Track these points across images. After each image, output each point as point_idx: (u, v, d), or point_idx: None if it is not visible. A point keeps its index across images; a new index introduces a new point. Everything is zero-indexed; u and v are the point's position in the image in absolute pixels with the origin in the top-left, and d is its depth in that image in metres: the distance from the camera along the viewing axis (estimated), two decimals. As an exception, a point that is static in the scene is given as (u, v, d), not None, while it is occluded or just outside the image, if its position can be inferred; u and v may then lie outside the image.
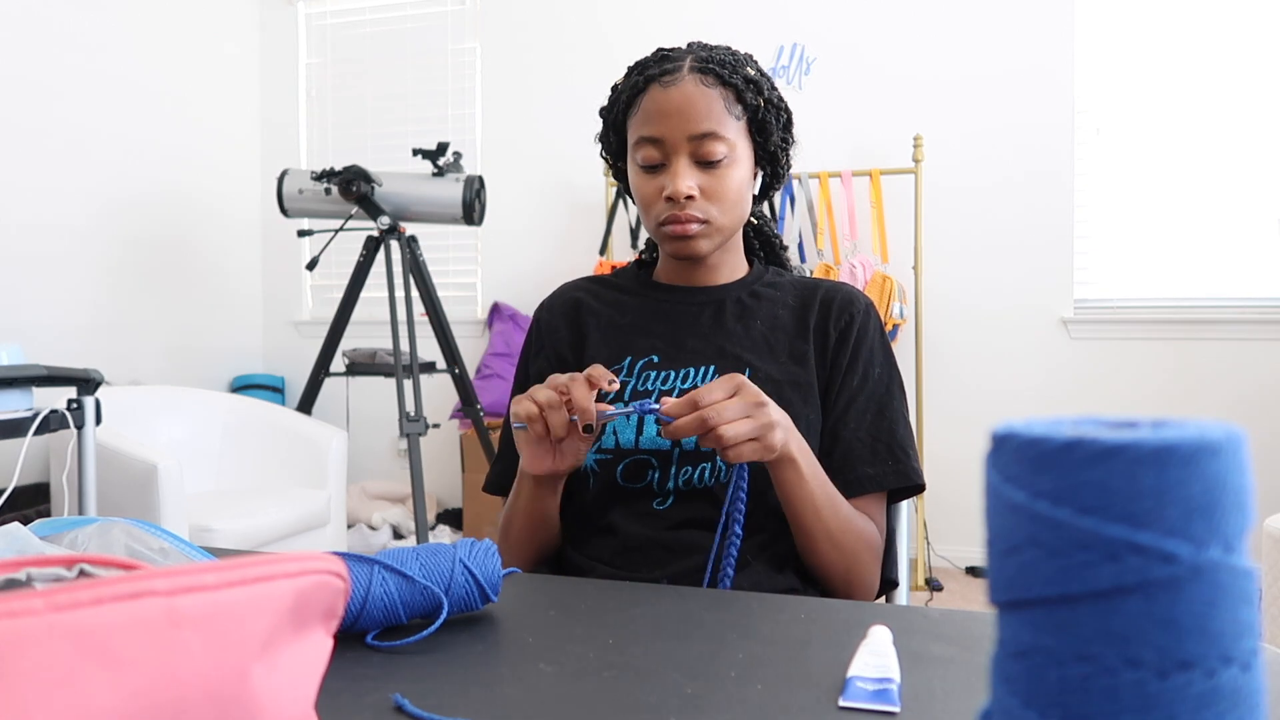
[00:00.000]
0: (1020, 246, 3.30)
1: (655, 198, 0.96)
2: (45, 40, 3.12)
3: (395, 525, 3.69)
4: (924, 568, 3.15)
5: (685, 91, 0.93)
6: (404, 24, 3.99)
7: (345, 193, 2.88)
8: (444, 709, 0.53)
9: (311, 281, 4.13)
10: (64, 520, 0.72)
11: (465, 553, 0.68)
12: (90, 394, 1.96)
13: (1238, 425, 0.29)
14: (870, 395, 0.99)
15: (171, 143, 3.66)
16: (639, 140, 0.96)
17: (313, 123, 4.13)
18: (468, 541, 0.69)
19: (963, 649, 0.63)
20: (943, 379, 3.34)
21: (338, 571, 0.39)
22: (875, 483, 0.95)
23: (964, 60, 3.33)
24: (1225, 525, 0.28)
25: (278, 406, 3.20)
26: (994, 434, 0.32)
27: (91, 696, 0.30)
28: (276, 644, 0.36)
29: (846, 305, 1.02)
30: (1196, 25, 3.17)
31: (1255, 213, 3.14)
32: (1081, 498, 0.29)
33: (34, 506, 2.89)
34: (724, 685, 0.57)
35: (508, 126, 3.87)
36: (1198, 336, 3.16)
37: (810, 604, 0.74)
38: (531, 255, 3.82)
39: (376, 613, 0.64)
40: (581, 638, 0.65)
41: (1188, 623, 0.28)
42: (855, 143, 3.43)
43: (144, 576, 0.32)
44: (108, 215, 3.38)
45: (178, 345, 3.71)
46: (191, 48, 3.76)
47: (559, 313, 1.08)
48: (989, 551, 0.32)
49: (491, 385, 3.62)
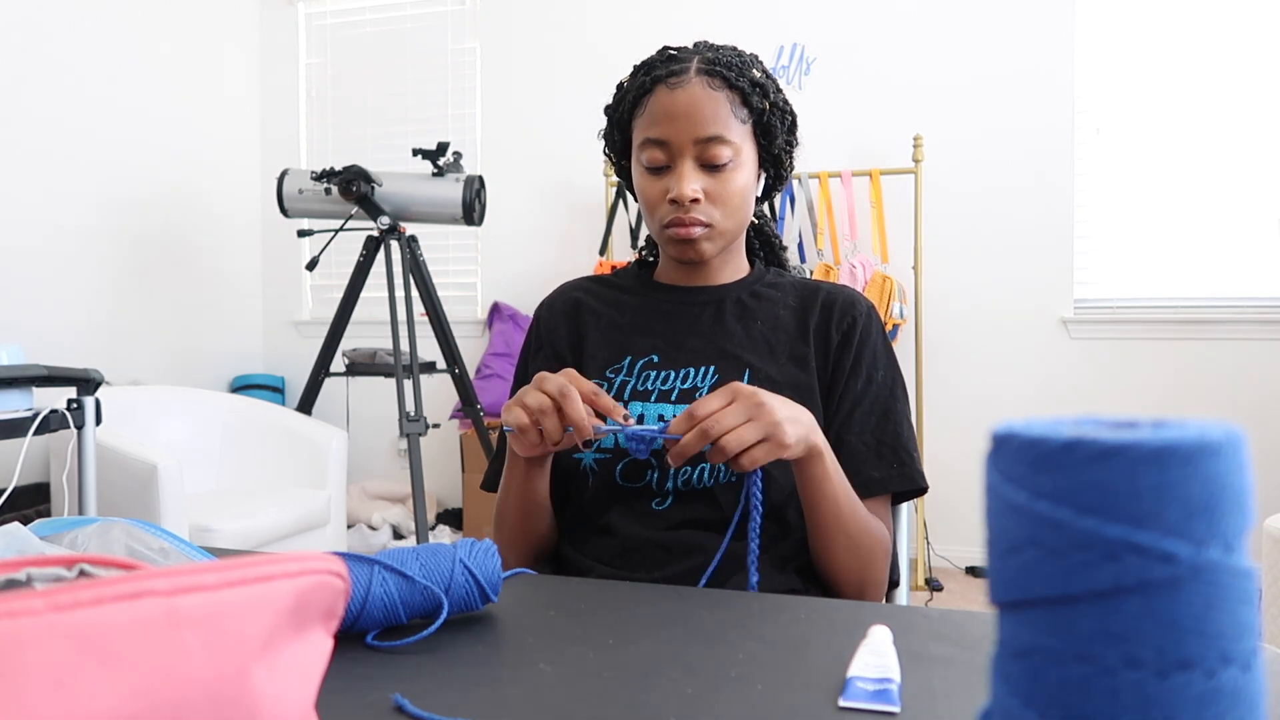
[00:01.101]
0: (1020, 247, 3.30)
1: (659, 200, 0.96)
2: (46, 40, 3.12)
3: (395, 525, 3.69)
4: (924, 568, 3.15)
5: (692, 94, 0.93)
6: (404, 24, 3.99)
7: (345, 193, 2.88)
8: (444, 709, 0.53)
9: (311, 281, 4.13)
10: (64, 520, 0.72)
11: (465, 553, 0.68)
12: (90, 394, 1.96)
13: (1238, 425, 0.29)
14: (874, 399, 0.98)
15: (171, 143, 3.66)
16: (644, 142, 0.96)
17: (313, 123, 4.13)
18: (468, 542, 0.69)
19: (963, 649, 0.63)
20: (943, 379, 3.34)
21: (338, 571, 0.39)
22: (881, 485, 0.95)
23: (964, 60, 3.33)
24: (1225, 525, 0.28)
25: (278, 406, 3.20)
26: (994, 434, 0.32)
27: (91, 696, 0.30)
28: (276, 644, 0.36)
29: (849, 308, 1.02)
30: (1197, 25, 3.17)
31: (1255, 213, 3.14)
32: (1081, 498, 0.29)
33: (34, 506, 2.89)
34: (724, 685, 0.57)
35: (508, 126, 3.87)
36: (1198, 336, 3.16)
37: (810, 604, 0.74)
38: (531, 255, 3.82)
39: (376, 613, 0.64)
40: (581, 638, 0.65)
41: (1187, 623, 0.28)
42: (855, 143, 3.43)
43: (144, 576, 0.32)
44: (108, 215, 3.38)
45: (178, 345, 3.71)
46: (191, 48, 3.76)
47: (558, 312, 1.08)
48: (989, 551, 0.32)
49: (491, 385, 3.62)
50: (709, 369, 0.98)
